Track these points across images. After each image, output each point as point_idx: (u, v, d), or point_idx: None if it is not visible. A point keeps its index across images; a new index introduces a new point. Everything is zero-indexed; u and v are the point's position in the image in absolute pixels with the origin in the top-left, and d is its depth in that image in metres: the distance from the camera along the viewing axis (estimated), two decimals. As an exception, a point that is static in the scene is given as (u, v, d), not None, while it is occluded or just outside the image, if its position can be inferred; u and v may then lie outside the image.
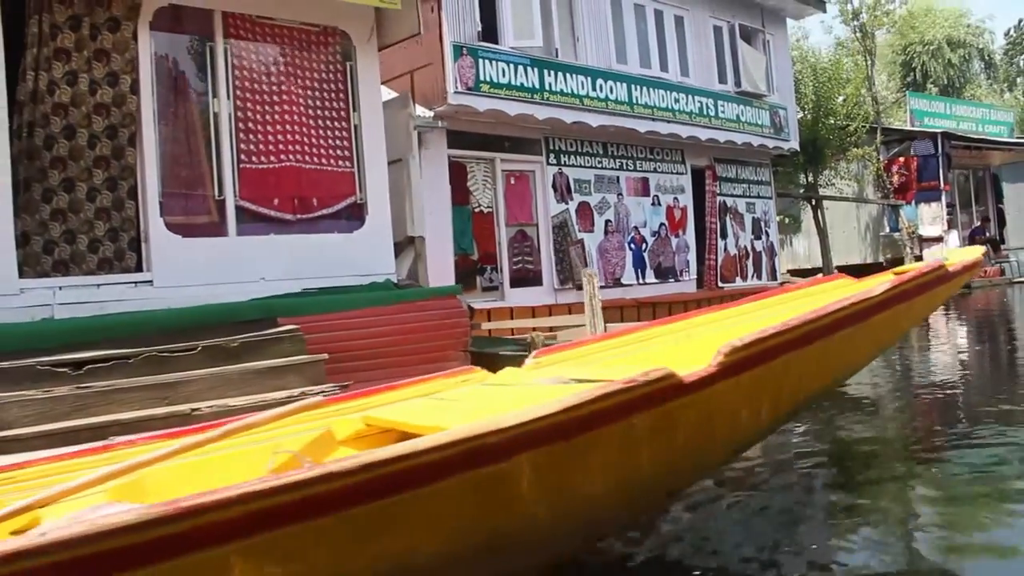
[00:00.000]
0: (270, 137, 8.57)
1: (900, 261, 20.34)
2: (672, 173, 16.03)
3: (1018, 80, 45.23)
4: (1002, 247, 22.14)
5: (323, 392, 6.30)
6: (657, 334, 3.83)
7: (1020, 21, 48.88)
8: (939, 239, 20.02)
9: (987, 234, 22.27)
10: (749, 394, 2.79)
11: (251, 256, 8.23)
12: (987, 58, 37.93)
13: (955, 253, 4.21)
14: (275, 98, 8.64)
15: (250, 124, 8.46)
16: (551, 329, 8.64)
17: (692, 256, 16.32)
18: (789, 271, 20.08)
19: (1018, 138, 26.20)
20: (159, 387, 6.02)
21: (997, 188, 23.87)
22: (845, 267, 20.95)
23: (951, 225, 20.31)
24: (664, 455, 2.54)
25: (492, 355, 8.95)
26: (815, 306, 3.68)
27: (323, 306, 7.81)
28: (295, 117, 8.75)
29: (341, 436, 3.06)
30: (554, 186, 13.96)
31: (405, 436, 3.13)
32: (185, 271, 7.83)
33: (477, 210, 12.95)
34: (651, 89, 14.78)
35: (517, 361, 8.25)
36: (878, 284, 3.49)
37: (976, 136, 21.79)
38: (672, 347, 3.66)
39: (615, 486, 2.45)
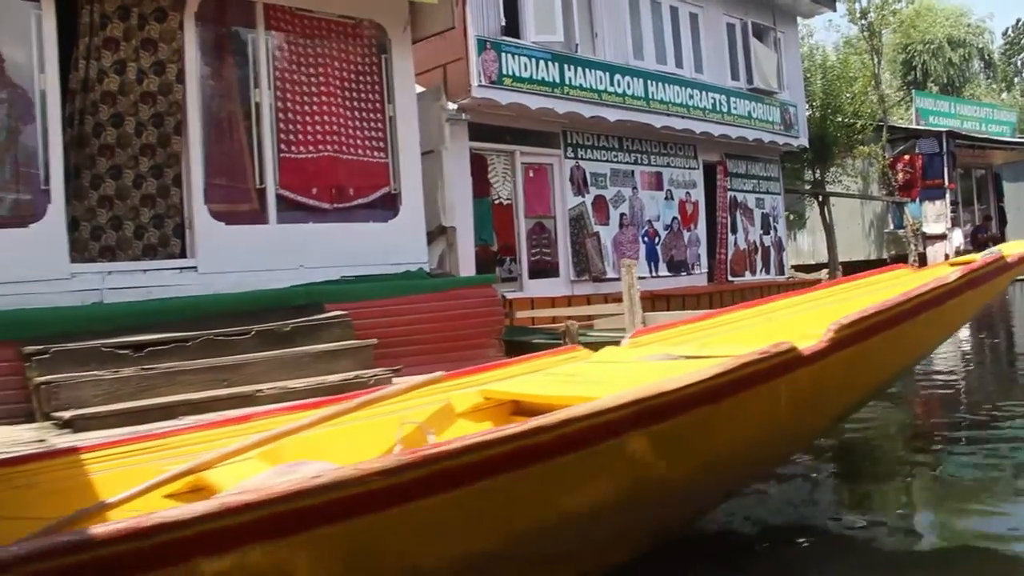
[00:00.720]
0: (308, 127, 8.73)
1: (904, 258, 20.62)
2: (685, 168, 16.22)
3: (1015, 80, 45.68)
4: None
5: (375, 376, 6.49)
6: (740, 318, 4.02)
7: (1018, 21, 49.36)
8: (943, 236, 20.29)
9: (989, 232, 22.54)
10: (849, 368, 2.98)
11: (291, 244, 8.39)
12: (987, 58, 38.26)
13: (1008, 247, 4.40)
14: (313, 89, 8.79)
15: (289, 114, 8.61)
16: (589, 318, 8.82)
17: (703, 250, 16.52)
18: (794, 267, 20.29)
19: (1020, 138, 26.50)
20: (219, 369, 6.19)
21: (998, 187, 24.17)
22: (849, 263, 21.16)
23: (955, 223, 20.57)
24: (783, 420, 2.74)
25: (525, 343, 9.14)
26: (883, 293, 3.88)
27: (367, 293, 7.98)
28: (332, 108, 8.90)
29: (460, 409, 3.25)
30: (571, 179, 14.13)
31: (521, 408, 3.33)
32: (228, 257, 7.98)
33: (497, 202, 13.12)
34: (666, 85, 14.97)
35: (550, 347, 8.44)
36: (948, 273, 3.68)
37: (980, 135, 22.06)
38: (756, 329, 3.86)
39: (744, 448, 2.65)
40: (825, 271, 19.58)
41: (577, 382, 3.22)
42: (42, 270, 6.94)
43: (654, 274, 15.27)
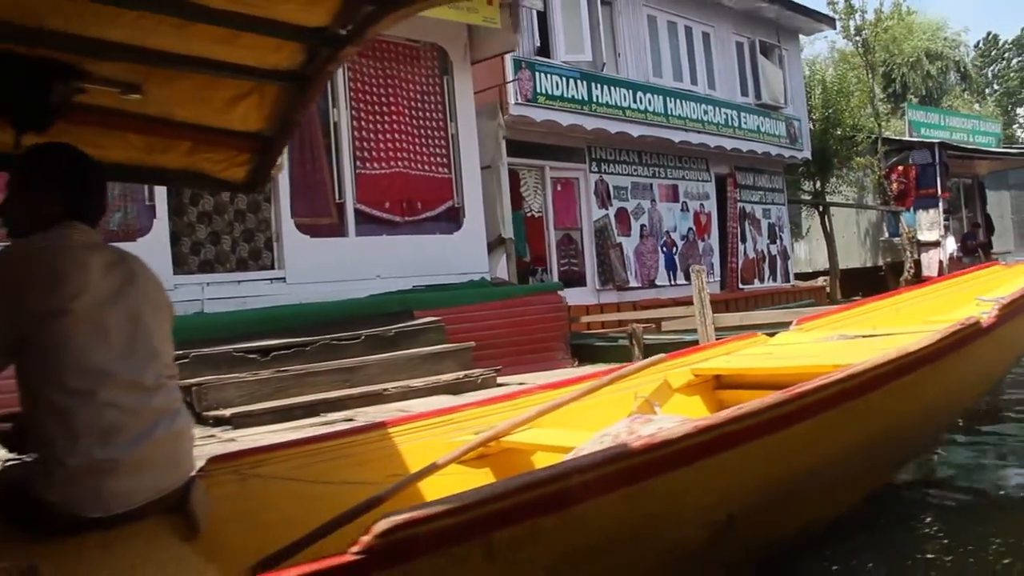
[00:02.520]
0: (381, 144, 9.24)
1: (900, 265, 21.39)
2: (698, 181, 16.85)
3: (986, 91, 47.11)
4: (991, 252, 23.31)
5: (482, 375, 7.00)
6: (876, 307, 4.63)
7: (988, 34, 50.94)
8: (937, 244, 21.05)
9: (978, 239, 23.39)
10: (1004, 341, 3.58)
11: (368, 255, 8.88)
12: (962, 70, 39.50)
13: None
14: (384, 108, 9.31)
15: (364, 132, 9.12)
16: (660, 320, 9.39)
17: (716, 259, 17.14)
18: (795, 274, 20.93)
19: (1006, 147, 27.48)
20: (341, 371, 6.68)
21: (983, 195, 25.10)
22: (846, 270, 21.91)
23: (948, 230, 21.37)
24: (967, 381, 3.36)
25: (587, 345, 9.69)
26: (986, 286, 4.51)
27: (451, 300, 8.49)
28: (401, 126, 9.43)
29: (675, 385, 3.80)
30: (596, 192, 14.70)
31: (721, 382, 3.89)
32: (312, 269, 8.46)
33: (529, 215, 13.64)
34: (683, 101, 15.60)
35: (616, 350, 8.99)
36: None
37: (969, 146, 22.94)
38: (893, 316, 4.46)
39: (944, 402, 3.30)
40: (822, 279, 20.32)
41: (776, 358, 3.81)
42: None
43: (673, 282, 15.85)
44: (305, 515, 2.89)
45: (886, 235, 22.78)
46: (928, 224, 21.17)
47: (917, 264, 20.93)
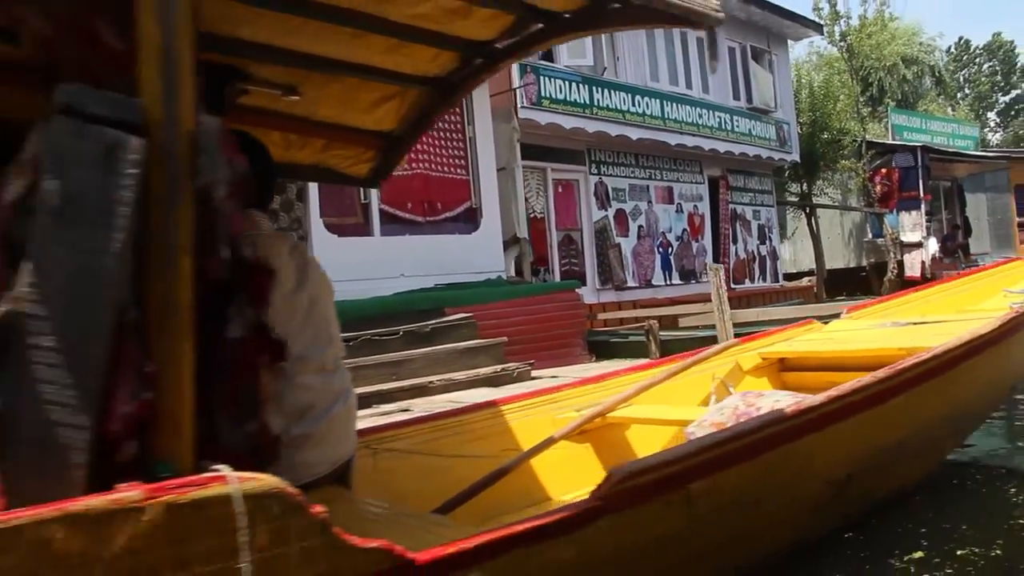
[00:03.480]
0: (403, 147, 9.46)
1: (883, 265, 21.89)
2: (692, 183, 17.21)
3: (958, 95, 48.09)
4: (970, 253, 23.91)
5: (518, 368, 7.25)
6: (913, 299, 4.97)
7: (960, 39, 51.93)
8: (919, 245, 21.54)
9: (957, 240, 23.96)
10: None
11: (392, 254, 9.12)
12: (937, 75, 40.27)
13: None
14: (405, 111, 9.53)
15: (387, 135, 9.34)
16: (677, 315, 9.69)
17: (709, 259, 17.48)
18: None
19: (983, 151, 28.14)
20: (388, 365, 6.91)
21: (962, 198, 25.68)
22: (831, 271, 22.38)
23: (930, 232, 21.89)
24: (1019, 360, 3.69)
25: (603, 342, 9.97)
26: (1010, 279, 4.85)
27: (477, 297, 8.75)
28: (421, 129, 9.65)
29: (746, 367, 4.09)
30: (595, 194, 15.00)
31: (785, 364, 4.20)
32: (341, 267, 8.54)
33: (532, 215, 13.91)
34: (679, 105, 15.94)
35: (632, 345, 9.28)
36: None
37: (949, 149, 23.49)
38: (930, 306, 4.79)
39: (1000, 380, 3.64)
40: (807, 279, 20.76)
41: (836, 342, 4.13)
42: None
43: (668, 282, 16.19)
44: (435, 484, 3.16)
45: (869, 236, 23.29)
46: (911, 225, 21.65)
47: (900, 265, 21.42)
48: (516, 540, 1.78)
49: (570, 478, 3.37)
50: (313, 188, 8.63)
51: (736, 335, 7.97)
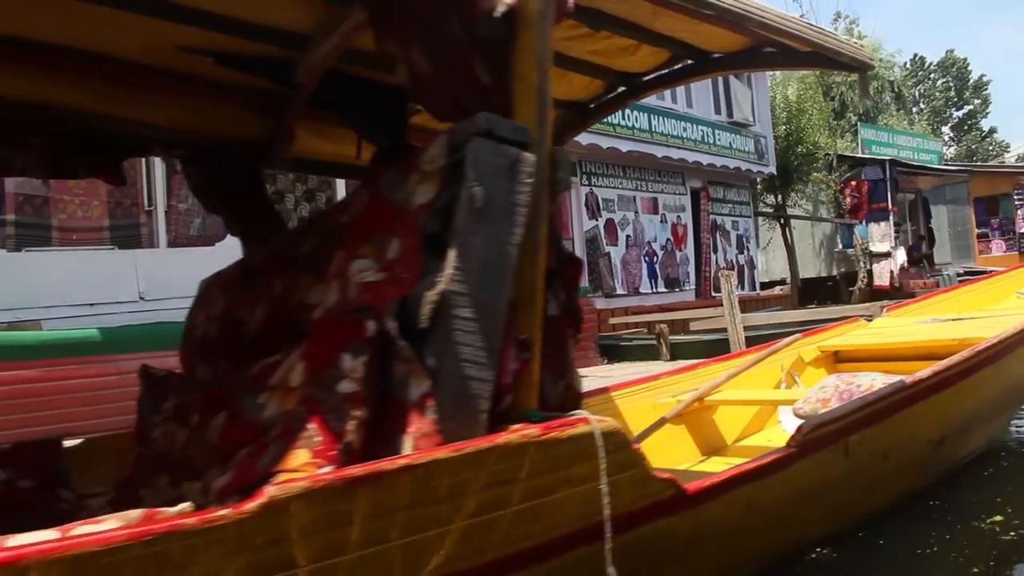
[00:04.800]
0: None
1: (853, 275, 22.70)
2: (675, 194, 17.78)
3: (914, 110, 49.62)
4: (934, 263, 24.85)
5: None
6: (941, 299, 5.52)
7: (915, 56, 53.49)
8: (888, 255, 22.36)
9: (922, 251, 24.88)
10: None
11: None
12: (896, 90, 41.53)
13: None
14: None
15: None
16: (688, 320, 10.18)
17: (691, 268, 18.08)
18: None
19: (948, 164, 29.21)
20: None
21: (927, 210, 26.64)
22: (804, 279, 23.12)
23: (898, 242, 22.72)
24: None
25: (614, 345, 10.43)
26: (1017, 284, 5.41)
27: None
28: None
29: (807, 359, 4.60)
30: (586, 204, 15.50)
31: (840, 356, 4.70)
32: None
33: (528, 225, 14.36)
34: (665, 118, 16.52)
35: (640, 349, 9.74)
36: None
37: (916, 163, 24.40)
38: (958, 304, 5.32)
39: None
40: (779, 288, 21.48)
41: (885, 336, 4.64)
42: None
43: (654, 290, 16.73)
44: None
45: (840, 247, 24.10)
46: (880, 236, 22.46)
47: (870, 274, 22.23)
48: (747, 476, 2.25)
49: (673, 454, 3.81)
50: (340, 185, 8.93)
51: (747, 338, 8.51)
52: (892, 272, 22.25)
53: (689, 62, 3.02)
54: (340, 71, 2.92)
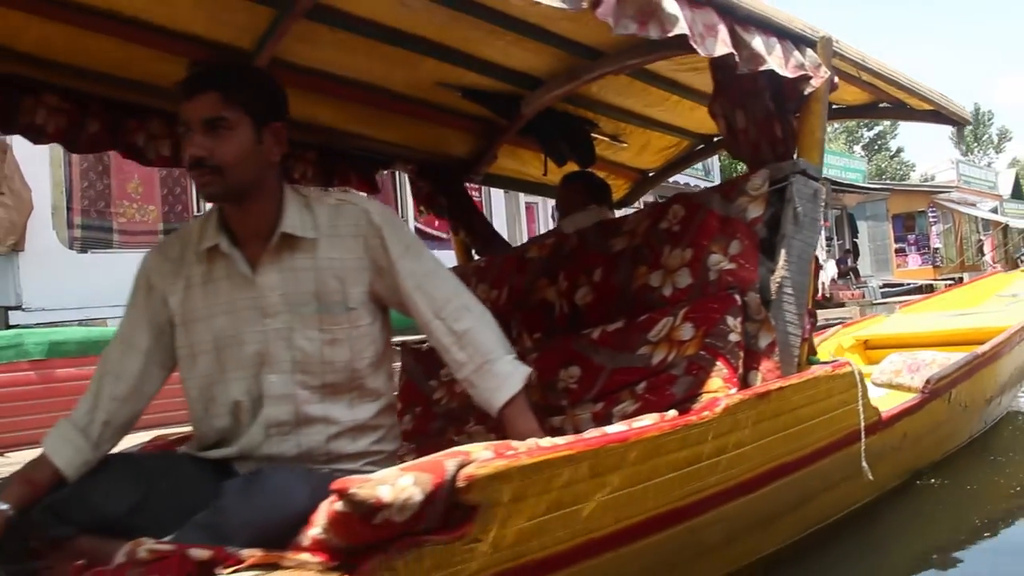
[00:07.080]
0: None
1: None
2: (629, 208, 18.74)
3: (861, 135, 53.12)
4: (860, 275, 26.46)
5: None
6: (935, 302, 6.56)
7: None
8: (820, 267, 23.71)
9: (848, 264, 26.45)
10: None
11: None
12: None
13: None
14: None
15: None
16: None
17: (646, 278, 19.06)
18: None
19: (870, 183, 31.04)
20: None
21: (853, 225, 28.31)
22: (740, 290, 24.31)
23: (829, 255, 24.17)
24: None
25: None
26: (998, 286, 6.41)
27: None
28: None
29: (845, 346, 5.46)
30: (552, 216, 16.34)
31: (869, 344, 5.58)
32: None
33: (504, 235, 15.15)
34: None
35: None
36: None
37: (845, 182, 26.01)
38: (950, 304, 6.32)
39: None
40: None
41: (904, 327, 5.54)
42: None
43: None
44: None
45: (774, 259, 25.50)
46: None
47: (803, 284, 23.60)
48: (906, 411, 3.15)
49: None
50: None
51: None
52: (823, 283, 23.63)
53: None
54: (551, 107, 3.66)
